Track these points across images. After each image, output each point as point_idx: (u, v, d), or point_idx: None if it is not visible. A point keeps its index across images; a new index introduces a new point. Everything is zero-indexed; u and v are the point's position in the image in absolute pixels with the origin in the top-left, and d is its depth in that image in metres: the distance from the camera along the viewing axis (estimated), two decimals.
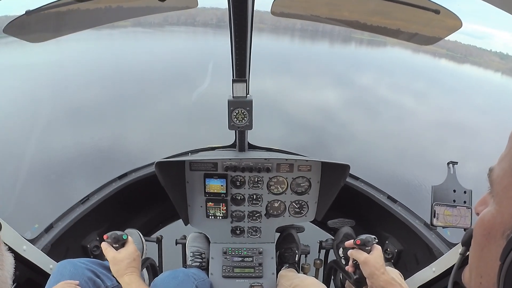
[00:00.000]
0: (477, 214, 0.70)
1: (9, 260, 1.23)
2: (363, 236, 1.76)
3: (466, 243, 0.78)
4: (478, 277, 0.67)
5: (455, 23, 1.73)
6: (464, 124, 16.39)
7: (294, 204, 2.68)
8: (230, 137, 2.81)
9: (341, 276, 2.63)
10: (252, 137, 2.76)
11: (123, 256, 1.74)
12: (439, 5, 1.59)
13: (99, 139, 10.56)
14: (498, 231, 0.60)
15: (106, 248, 1.77)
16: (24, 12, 1.65)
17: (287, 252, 2.77)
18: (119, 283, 1.74)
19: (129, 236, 1.81)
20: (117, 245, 1.78)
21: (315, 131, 13.75)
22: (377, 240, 1.79)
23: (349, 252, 1.80)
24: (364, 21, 1.95)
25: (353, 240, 1.78)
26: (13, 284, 1.80)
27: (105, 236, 1.78)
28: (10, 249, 1.35)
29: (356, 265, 1.80)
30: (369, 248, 1.75)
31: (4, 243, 1.22)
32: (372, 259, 1.70)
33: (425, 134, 13.81)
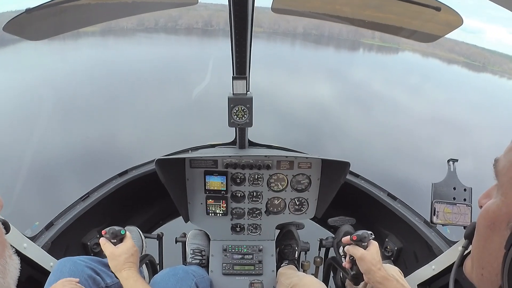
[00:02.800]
0: (480, 207, 0.70)
1: (15, 264, 1.22)
2: (360, 232, 1.76)
3: (469, 236, 0.78)
4: (479, 269, 0.68)
5: (455, 20, 1.73)
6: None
7: (294, 201, 2.68)
8: (230, 134, 2.82)
9: (341, 274, 2.63)
10: (252, 134, 2.76)
11: (120, 251, 1.74)
12: (440, 2, 1.59)
13: (94, 139, 10.57)
14: (503, 221, 0.60)
15: (104, 243, 1.77)
16: (24, 10, 1.65)
17: (287, 249, 2.77)
18: (118, 279, 1.75)
19: (127, 231, 1.82)
20: (115, 240, 1.78)
21: (319, 128, 13.72)
22: (373, 236, 1.79)
23: (346, 248, 1.80)
24: (366, 18, 1.95)
25: (349, 236, 1.79)
26: None
27: (103, 232, 1.79)
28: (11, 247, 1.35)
29: (353, 261, 1.80)
30: (366, 244, 1.75)
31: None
32: (369, 255, 1.70)
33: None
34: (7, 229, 1.36)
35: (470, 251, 0.76)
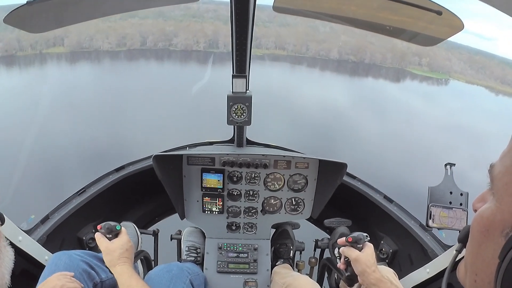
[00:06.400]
0: (475, 211, 0.69)
1: (9, 255, 1.22)
2: (355, 234, 1.77)
3: (463, 240, 0.77)
4: (473, 275, 0.67)
5: (457, 24, 1.73)
6: None
7: (290, 201, 2.68)
8: (229, 132, 2.81)
9: (336, 275, 2.63)
10: (252, 133, 2.76)
11: (115, 246, 1.75)
12: (441, 6, 1.59)
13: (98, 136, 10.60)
14: (497, 228, 0.59)
15: (99, 238, 1.78)
16: (25, 2, 1.64)
17: (282, 248, 2.78)
18: (113, 274, 1.74)
19: (122, 227, 1.82)
20: (111, 236, 1.79)
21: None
22: (369, 238, 1.80)
23: (341, 249, 1.81)
24: (367, 18, 1.94)
25: (345, 237, 1.79)
26: None
27: (98, 227, 1.79)
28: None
29: (348, 263, 1.80)
30: (361, 246, 1.76)
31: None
32: (364, 257, 1.70)
33: None
34: (1, 220, 1.37)
35: (464, 255, 0.76)
